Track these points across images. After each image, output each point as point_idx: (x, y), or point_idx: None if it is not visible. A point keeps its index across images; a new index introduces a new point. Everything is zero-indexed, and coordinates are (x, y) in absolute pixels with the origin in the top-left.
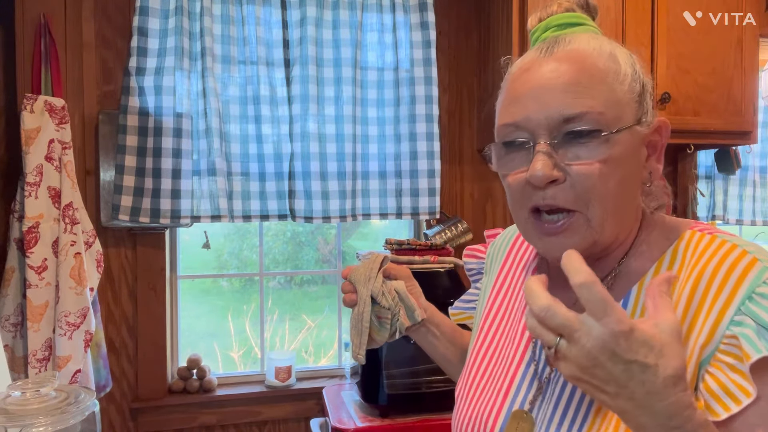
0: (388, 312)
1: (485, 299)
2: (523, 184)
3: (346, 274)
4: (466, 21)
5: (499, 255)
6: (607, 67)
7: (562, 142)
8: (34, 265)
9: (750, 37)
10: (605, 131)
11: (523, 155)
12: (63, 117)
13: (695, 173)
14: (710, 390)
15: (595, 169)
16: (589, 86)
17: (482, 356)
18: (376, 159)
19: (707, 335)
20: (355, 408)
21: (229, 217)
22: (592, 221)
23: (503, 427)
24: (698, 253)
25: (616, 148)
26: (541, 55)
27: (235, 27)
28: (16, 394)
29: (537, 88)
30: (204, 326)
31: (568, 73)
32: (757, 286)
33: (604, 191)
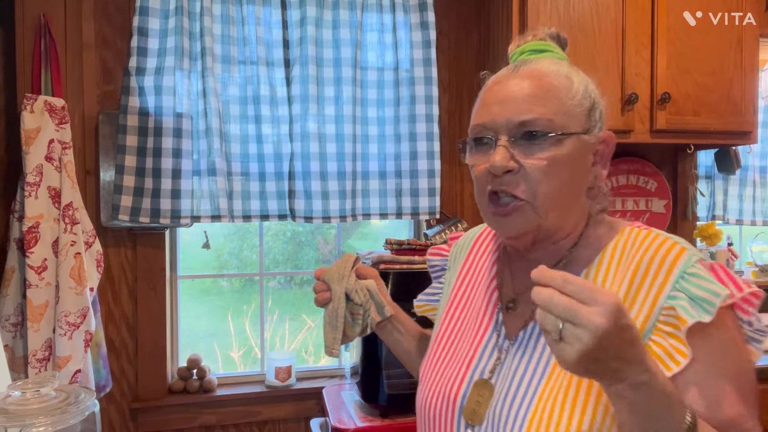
0: (360, 308)
1: (449, 289)
2: (486, 172)
3: (319, 274)
4: (466, 21)
5: (462, 252)
6: (560, 84)
7: (519, 141)
8: (34, 265)
9: (750, 37)
10: (552, 134)
11: (488, 150)
12: (63, 117)
13: (695, 173)
14: (654, 354)
15: (543, 164)
16: (543, 98)
17: (447, 336)
18: (376, 159)
19: (648, 310)
20: (355, 408)
21: (229, 217)
22: (537, 208)
23: (466, 394)
24: (637, 244)
25: (563, 150)
26: (510, 72)
27: (235, 27)
28: (16, 394)
29: (502, 97)
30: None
31: (528, 88)
32: (688, 267)
33: (550, 184)
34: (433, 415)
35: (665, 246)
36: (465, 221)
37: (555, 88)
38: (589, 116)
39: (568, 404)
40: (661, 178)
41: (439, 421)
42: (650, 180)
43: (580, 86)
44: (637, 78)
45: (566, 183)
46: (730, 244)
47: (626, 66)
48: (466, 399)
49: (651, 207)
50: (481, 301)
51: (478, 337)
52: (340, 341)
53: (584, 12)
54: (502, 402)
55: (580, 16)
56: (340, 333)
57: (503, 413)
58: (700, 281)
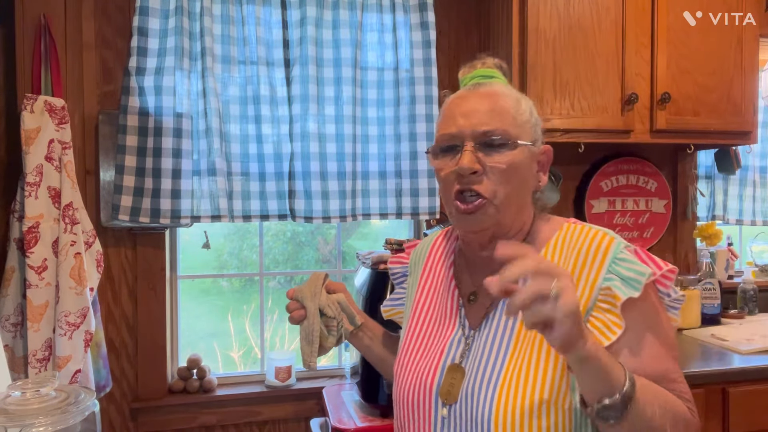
0: (333, 321)
1: (413, 292)
2: (453, 175)
3: (291, 294)
4: (466, 21)
5: (420, 258)
6: (512, 104)
7: (482, 147)
8: (34, 265)
9: (750, 37)
10: (510, 141)
11: (453, 155)
12: (63, 117)
13: (695, 173)
14: (595, 326)
15: (503, 166)
16: (500, 113)
17: (417, 334)
18: (376, 159)
19: (589, 291)
20: (355, 408)
21: (229, 217)
22: (498, 206)
23: (441, 380)
24: (575, 237)
25: (517, 156)
26: (470, 90)
27: (235, 27)
28: (16, 394)
29: (466, 110)
30: (204, 326)
31: (488, 104)
32: (618, 253)
33: (508, 184)
34: (412, 403)
35: (598, 237)
36: None
37: (509, 106)
38: (534, 131)
39: (531, 377)
40: (661, 178)
41: (418, 407)
42: (650, 180)
43: (526, 107)
44: (637, 78)
45: (519, 185)
46: (730, 244)
47: (626, 66)
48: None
49: (651, 207)
50: (444, 299)
51: (448, 331)
52: (316, 354)
53: (584, 12)
54: (472, 382)
55: (580, 16)
56: (317, 347)
57: (474, 390)
58: (628, 264)
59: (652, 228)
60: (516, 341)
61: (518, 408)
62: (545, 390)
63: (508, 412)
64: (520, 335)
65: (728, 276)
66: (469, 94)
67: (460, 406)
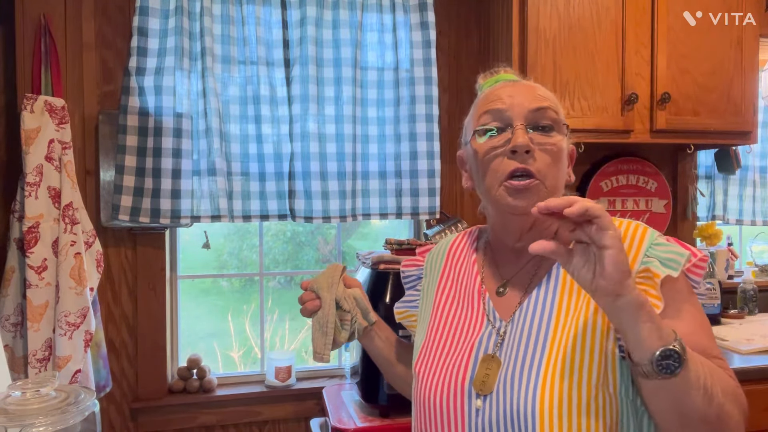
0: (348, 314)
1: (433, 294)
2: (501, 157)
3: (306, 285)
4: (466, 21)
5: (438, 259)
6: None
7: (531, 130)
8: (34, 265)
9: (750, 37)
10: (558, 125)
11: (502, 137)
12: (63, 117)
13: (695, 173)
14: None
15: (553, 149)
16: (546, 98)
17: (441, 332)
18: (376, 159)
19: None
20: (355, 408)
21: (229, 217)
22: (549, 188)
23: (473, 373)
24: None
25: (562, 143)
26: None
27: (235, 27)
28: (16, 394)
29: (512, 92)
30: (204, 326)
31: (532, 90)
32: (653, 240)
33: (556, 170)
34: (440, 401)
35: (632, 226)
36: (465, 221)
37: (553, 97)
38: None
39: (577, 365)
40: (661, 178)
41: (448, 404)
42: (650, 180)
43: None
44: (637, 78)
45: (563, 171)
46: (730, 244)
47: (626, 66)
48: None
49: (651, 207)
50: (468, 296)
51: (476, 327)
52: (330, 346)
53: (584, 12)
54: (511, 371)
55: (580, 16)
56: (331, 338)
57: (514, 379)
58: (666, 247)
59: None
60: (555, 330)
61: (566, 394)
62: (592, 375)
63: (554, 398)
64: (558, 324)
65: (728, 276)
66: (509, 84)
67: (498, 395)
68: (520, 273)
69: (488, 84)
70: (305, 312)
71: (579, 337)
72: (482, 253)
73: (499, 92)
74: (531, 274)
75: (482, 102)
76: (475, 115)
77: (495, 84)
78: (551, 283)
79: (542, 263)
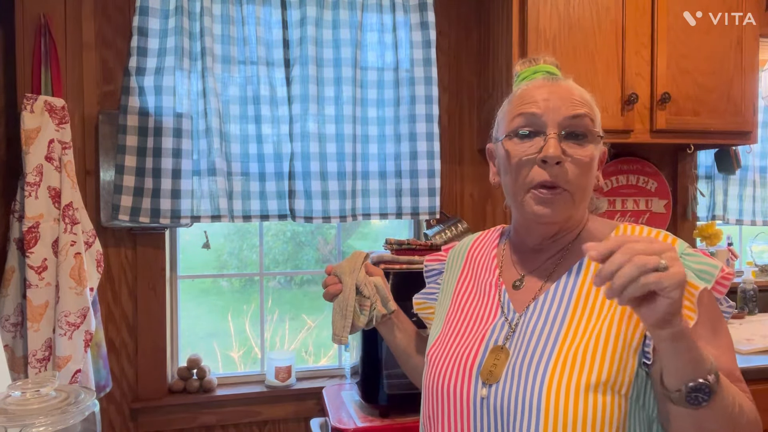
0: (367, 301)
1: (453, 287)
2: (531, 163)
3: (330, 269)
4: (466, 21)
5: (460, 254)
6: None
7: (565, 137)
8: (34, 265)
9: (750, 37)
10: (592, 134)
11: (534, 142)
12: (63, 117)
13: (695, 173)
14: None
15: (585, 159)
16: (585, 103)
17: (457, 321)
18: (376, 159)
19: None
20: (355, 408)
21: (229, 217)
22: (575, 199)
23: (482, 361)
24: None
25: (595, 151)
26: (547, 80)
27: (235, 27)
28: (16, 394)
29: (549, 95)
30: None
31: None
32: (684, 250)
33: (585, 180)
34: (448, 386)
35: (661, 235)
36: (465, 221)
37: (589, 100)
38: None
39: (588, 361)
40: (661, 178)
41: (455, 390)
42: (650, 180)
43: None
44: (637, 78)
45: (590, 181)
46: (730, 244)
47: (626, 66)
48: (482, 364)
49: (651, 207)
50: (485, 288)
51: (489, 317)
52: (349, 329)
53: (584, 12)
54: (520, 361)
55: (580, 16)
56: (350, 321)
57: (522, 370)
58: (697, 258)
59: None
60: (569, 326)
61: (573, 386)
62: (602, 373)
63: (561, 390)
64: (573, 320)
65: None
66: (548, 83)
67: (504, 385)
68: (538, 269)
69: (526, 74)
70: (327, 295)
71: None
72: (502, 248)
73: (535, 94)
74: (549, 270)
75: (517, 101)
76: (510, 114)
77: (533, 79)
78: (570, 281)
79: (562, 260)
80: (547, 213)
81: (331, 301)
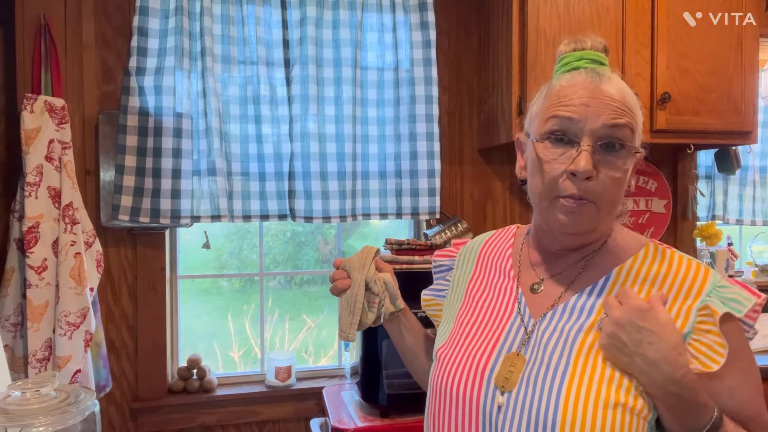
0: (376, 297)
1: (465, 285)
2: (561, 173)
3: (339, 263)
4: (466, 21)
5: (471, 254)
6: (634, 104)
7: (599, 149)
8: (34, 265)
9: (750, 37)
10: (629, 147)
11: (566, 149)
12: (63, 117)
13: (695, 173)
14: (699, 350)
15: (619, 175)
16: (627, 111)
17: (468, 323)
18: (376, 159)
19: (685, 314)
20: (355, 408)
21: (229, 217)
22: (600, 213)
23: (494, 366)
24: (667, 259)
25: (631, 163)
26: (590, 78)
27: (235, 27)
28: (16, 394)
29: (590, 99)
30: (204, 326)
31: (617, 97)
32: (717, 283)
33: (615, 193)
34: (457, 387)
35: (694, 265)
36: (465, 221)
37: (633, 106)
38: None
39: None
40: (661, 178)
41: (464, 391)
42: (650, 180)
43: (640, 112)
44: (637, 78)
45: (620, 193)
46: (730, 244)
47: (626, 66)
48: (495, 370)
49: (651, 207)
50: (499, 290)
51: (502, 322)
52: (356, 325)
53: (584, 12)
54: (537, 369)
55: (580, 16)
56: (358, 317)
57: (539, 378)
58: (730, 289)
59: (652, 228)
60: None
61: (591, 401)
62: (621, 392)
63: (579, 402)
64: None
65: (728, 276)
66: (589, 82)
67: (520, 393)
68: (560, 275)
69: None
70: (335, 290)
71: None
72: (519, 249)
73: (574, 95)
74: (571, 278)
75: (554, 99)
76: (545, 113)
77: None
78: (594, 294)
79: (585, 269)
80: (570, 223)
81: (338, 295)
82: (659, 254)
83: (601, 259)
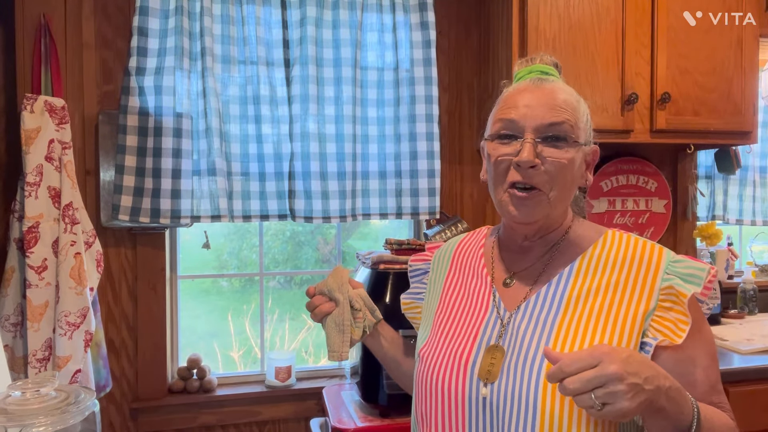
0: (359, 313)
1: (441, 286)
2: (508, 165)
3: (312, 290)
4: (466, 21)
5: (446, 255)
6: (574, 103)
7: (542, 142)
8: (34, 265)
9: (750, 37)
10: (571, 139)
11: (512, 145)
12: (63, 117)
13: (695, 173)
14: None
15: (563, 162)
16: (565, 109)
17: (447, 321)
18: (376, 159)
19: (648, 293)
20: (355, 408)
21: (229, 217)
22: (550, 199)
23: (476, 360)
24: (624, 243)
25: (574, 154)
26: (534, 84)
27: (235, 27)
28: (16, 394)
29: (530, 102)
30: (204, 326)
31: (551, 99)
32: (671, 259)
33: (562, 180)
34: (443, 384)
35: (648, 246)
36: (465, 221)
37: (572, 105)
38: (588, 132)
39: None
40: (661, 178)
41: (449, 387)
42: (650, 180)
43: (585, 108)
44: (637, 78)
45: (571, 182)
46: (730, 244)
47: (626, 66)
48: (477, 363)
49: (651, 207)
50: (474, 287)
51: (480, 314)
52: (348, 344)
53: (584, 12)
54: (515, 359)
55: (580, 16)
56: (349, 335)
57: (518, 367)
58: (684, 263)
59: (652, 228)
60: (559, 326)
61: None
62: None
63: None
64: (564, 321)
65: (728, 276)
66: (532, 87)
67: (502, 384)
68: (528, 269)
69: (521, 75)
70: (319, 314)
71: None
72: (491, 247)
73: (517, 99)
74: (539, 271)
75: (502, 105)
76: (494, 117)
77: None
78: (561, 285)
79: (551, 261)
80: (521, 213)
81: (320, 321)
82: (617, 239)
83: (565, 250)
